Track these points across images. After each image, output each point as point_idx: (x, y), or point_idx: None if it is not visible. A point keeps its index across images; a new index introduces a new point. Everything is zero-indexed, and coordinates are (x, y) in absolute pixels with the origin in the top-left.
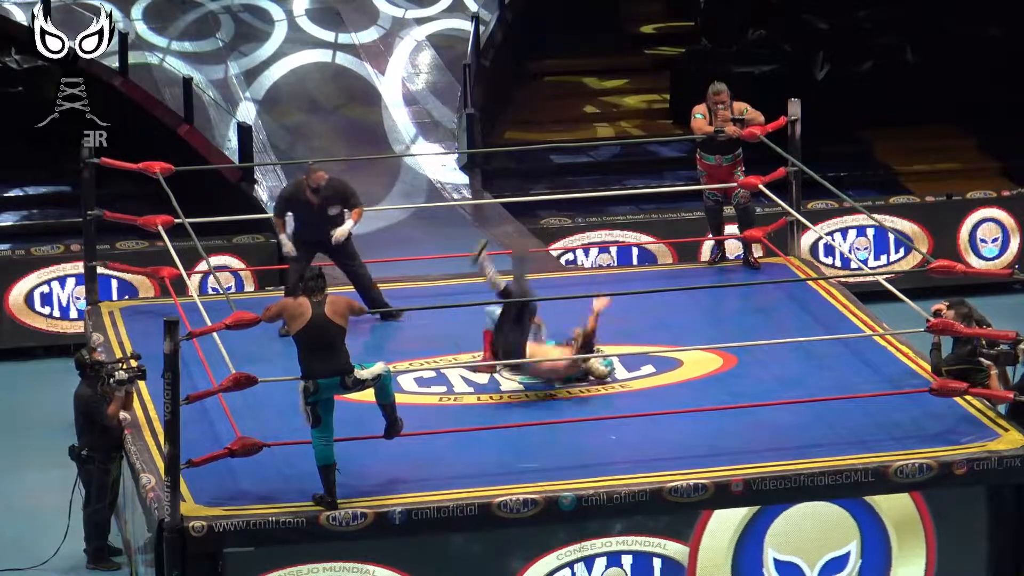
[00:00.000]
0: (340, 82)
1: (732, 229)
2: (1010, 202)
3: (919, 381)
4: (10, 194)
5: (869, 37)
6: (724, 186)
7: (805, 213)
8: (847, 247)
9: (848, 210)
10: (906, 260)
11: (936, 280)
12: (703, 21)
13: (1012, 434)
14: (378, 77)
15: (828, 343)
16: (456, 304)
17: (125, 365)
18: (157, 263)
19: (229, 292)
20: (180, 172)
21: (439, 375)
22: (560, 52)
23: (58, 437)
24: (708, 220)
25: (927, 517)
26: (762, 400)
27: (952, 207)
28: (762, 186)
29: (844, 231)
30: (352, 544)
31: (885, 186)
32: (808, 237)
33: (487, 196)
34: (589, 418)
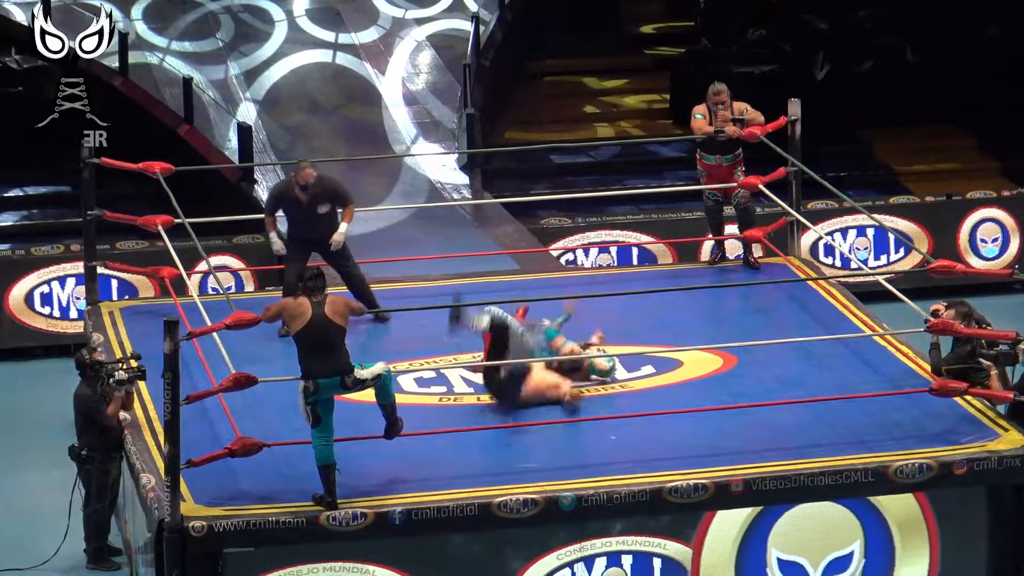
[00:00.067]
0: (340, 82)
1: (732, 229)
2: (1010, 202)
3: (919, 381)
4: (10, 194)
5: (869, 37)
6: (724, 186)
7: (805, 213)
8: (847, 247)
9: (848, 210)
10: (906, 260)
11: (936, 280)
12: (703, 21)
13: (1012, 434)
14: (378, 77)
15: (828, 343)
16: (456, 304)
17: (125, 365)
18: (157, 263)
19: (229, 292)
20: (180, 172)
21: (439, 375)
22: (560, 52)
23: (58, 437)
24: (708, 220)
25: (931, 517)
26: (762, 400)
27: (952, 207)
28: (762, 186)
29: (844, 231)
30: (352, 544)
31: (885, 186)
32: (808, 237)
33: (487, 196)
34: (589, 418)
